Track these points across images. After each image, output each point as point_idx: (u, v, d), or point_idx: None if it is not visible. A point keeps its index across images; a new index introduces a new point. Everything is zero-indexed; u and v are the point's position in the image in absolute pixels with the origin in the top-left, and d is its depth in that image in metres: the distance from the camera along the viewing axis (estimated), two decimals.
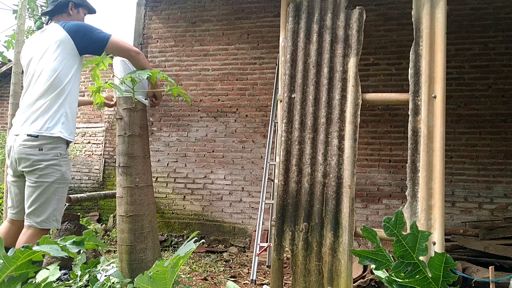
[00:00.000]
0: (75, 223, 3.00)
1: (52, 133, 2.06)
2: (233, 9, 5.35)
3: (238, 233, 4.99)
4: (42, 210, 2.06)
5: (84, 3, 2.40)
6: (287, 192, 2.04)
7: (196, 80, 5.41)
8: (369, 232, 1.24)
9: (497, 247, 3.30)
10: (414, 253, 1.14)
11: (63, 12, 2.31)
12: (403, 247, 1.15)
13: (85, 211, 7.13)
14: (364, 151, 4.75)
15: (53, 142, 2.07)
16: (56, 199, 2.10)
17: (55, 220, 2.11)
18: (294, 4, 2.19)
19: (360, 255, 1.24)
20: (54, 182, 2.08)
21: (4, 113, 8.39)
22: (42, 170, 2.04)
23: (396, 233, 1.16)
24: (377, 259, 1.21)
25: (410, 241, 1.15)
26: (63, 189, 2.17)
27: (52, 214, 2.09)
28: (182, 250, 1.12)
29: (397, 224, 1.17)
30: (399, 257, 1.16)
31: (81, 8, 2.38)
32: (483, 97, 4.53)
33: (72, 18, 2.33)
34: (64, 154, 2.14)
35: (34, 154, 2.03)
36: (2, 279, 1.07)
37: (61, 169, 2.11)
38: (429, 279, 1.13)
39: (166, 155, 5.41)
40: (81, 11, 2.39)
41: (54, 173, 2.07)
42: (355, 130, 1.97)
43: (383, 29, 4.84)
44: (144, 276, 1.11)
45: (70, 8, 2.32)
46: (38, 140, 2.03)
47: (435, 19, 1.90)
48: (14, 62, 3.78)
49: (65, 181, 2.15)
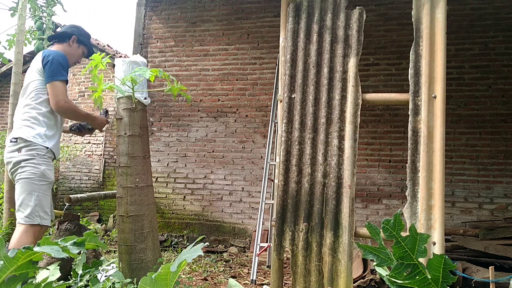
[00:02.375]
0: (75, 223, 2.99)
1: (27, 137, 2.26)
2: (233, 9, 5.35)
3: (238, 233, 4.99)
4: (24, 205, 2.21)
5: (86, 42, 2.61)
6: (287, 192, 2.04)
7: (196, 80, 5.40)
8: (372, 229, 1.24)
9: (497, 247, 3.30)
10: (414, 254, 1.14)
11: (64, 42, 2.52)
12: (402, 249, 1.15)
13: (85, 211, 7.14)
14: (364, 151, 4.75)
15: (30, 145, 2.25)
16: (37, 195, 2.23)
17: (38, 216, 2.21)
18: (294, 4, 2.19)
19: (364, 249, 1.25)
20: (33, 178, 2.22)
21: (4, 113, 8.39)
22: (21, 168, 2.24)
23: (395, 235, 1.16)
24: (379, 256, 1.22)
25: (409, 243, 1.15)
26: (44, 187, 2.27)
27: (35, 210, 2.21)
28: (187, 254, 1.11)
29: (396, 226, 1.17)
30: (399, 258, 1.17)
31: (82, 46, 2.59)
32: (483, 97, 4.53)
33: (70, 49, 2.52)
34: (42, 155, 2.28)
35: (15, 156, 2.25)
36: (2, 279, 1.07)
37: (40, 167, 2.25)
38: (429, 280, 1.13)
39: (166, 155, 5.41)
40: (81, 48, 2.58)
41: (32, 170, 2.23)
42: (355, 130, 1.97)
43: (383, 29, 4.84)
44: (147, 278, 1.12)
45: (72, 41, 2.53)
46: (17, 144, 2.25)
47: (435, 19, 1.90)
48: (14, 62, 3.78)
49: (45, 179, 2.27)
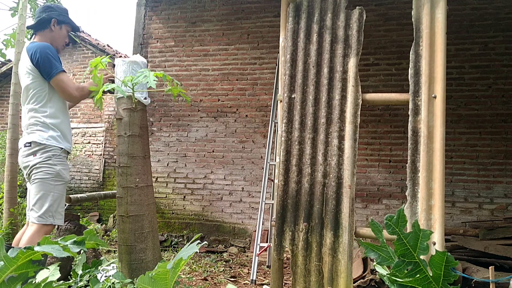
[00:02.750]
0: (75, 223, 2.99)
1: (41, 140, 2.26)
2: (233, 9, 5.35)
3: (238, 233, 4.99)
4: (39, 205, 2.21)
5: (67, 20, 2.50)
6: (287, 192, 2.04)
7: (196, 80, 5.40)
8: (375, 226, 1.25)
9: (497, 247, 3.30)
10: (415, 252, 1.14)
11: (45, 28, 2.43)
12: (404, 246, 1.15)
13: (85, 211, 7.13)
14: (364, 151, 4.75)
15: (44, 147, 2.26)
16: (52, 195, 2.23)
17: (51, 216, 2.22)
18: (294, 4, 2.19)
19: (366, 247, 1.26)
20: (48, 179, 2.24)
21: (4, 113, 8.39)
22: (37, 169, 2.24)
23: (398, 231, 1.16)
24: (381, 254, 1.22)
25: (412, 239, 1.14)
26: (60, 187, 2.29)
27: (48, 210, 2.21)
28: (184, 252, 1.12)
29: (399, 222, 1.17)
30: (400, 255, 1.16)
31: (64, 25, 2.49)
32: (483, 97, 4.53)
33: (53, 33, 2.45)
34: (57, 156, 2.29)
35: (31, 160, 2.26)
36: (2, 279, 1.07)
37: (55, 167, 2.26)
38: (430, 279, 1.13)
39: (166, 155, 5.41)
40: (63, 28, 2.49)
41: (48, 170, 2.24)
42: (355, 130, 1.97)
43: (383, 29, 4.84)
44: (145, 277, 1.12)
45: (53, 24, 2.43)
46: (32, 148, 2.26)
47: (435, 19, 1.90)
48: (14, 63, 3.78)
49: (60, 179, 2.29)
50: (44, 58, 2.25)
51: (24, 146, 2.28)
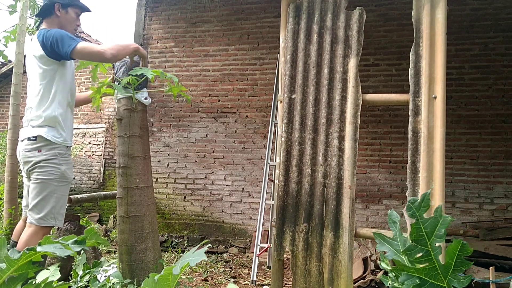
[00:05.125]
0: (75, 223, 2.99)
1: (47, 136, 2.17)
2: (233, 9, 5.35)
3: (239, 234, 4.99)
4: (41, 207, 2.14)
5: (72, 2, 2.36)
6: (287, 193, 2.04)
7: (196, 81, 5.41)
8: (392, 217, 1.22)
9: (498, 247, 3.30)
10: (430, 239, 1.11)
11: (51, 14, 2.32)
12: (420, 232, 1.11)
13: (85, 212, 7.13)
14: (364, 152, 4.75)
15: (50, 144, 2.17)
16: (55, 197, 2.18)
17: (53, 218, 2.17)
18: (294, 4, 2.19)
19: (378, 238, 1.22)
20: (53, 179, 2.17)
21: (4, 114, 8.39)
22: (41, 168, 2.15)
23: (418, 215, 1.13)
24: (392, 248, 1.20)
25: (430, 225, 1.10)
26: (63, 188, 2.23)
27: (50, 212, 2.16)
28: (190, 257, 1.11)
29: (421, 206, 1.13)
30: (414, 240, 1.13)
31: (70, 8, 2.35)
32: (483, 98, 4.53)
33: (60, 19, 2.33)
34: (63, 154, 2.23)
35: (34, 156, 2.15)
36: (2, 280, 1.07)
37: (60, 167, 2.19)
38: (438, 270, 1.10)
39: (166, 155, 5.41)
40: (70, 11, 2.35)
41: (53, 171, 2.17)
42: (355, 130, 1.97)
43: (383, 29, 4.84)
44: (150, 280, 1.12)
45: (57, 10, 2.31)
46: (36, 143, 2.16)
47: (435, 19, 1.90)
48: (15, 63, 3.78)
49: (64, 180, 2.23)
50: (58, 36, 2.12)
51: (27, 140, 2.17)
